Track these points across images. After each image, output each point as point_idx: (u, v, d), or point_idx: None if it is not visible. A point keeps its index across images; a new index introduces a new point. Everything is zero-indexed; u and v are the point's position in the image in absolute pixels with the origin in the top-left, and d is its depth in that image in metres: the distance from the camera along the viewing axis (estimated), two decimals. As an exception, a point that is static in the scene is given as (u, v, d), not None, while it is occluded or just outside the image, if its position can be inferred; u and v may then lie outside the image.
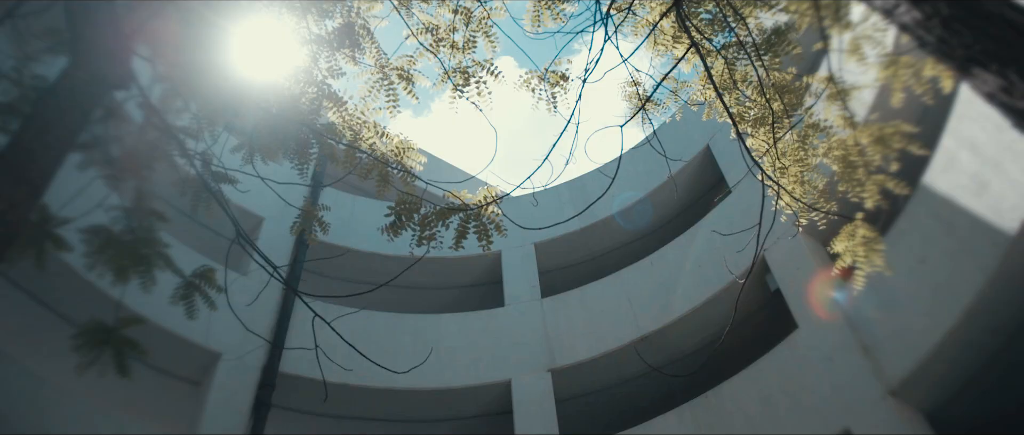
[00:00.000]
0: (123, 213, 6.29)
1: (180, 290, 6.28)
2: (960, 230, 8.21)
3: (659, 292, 11.89)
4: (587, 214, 13.60)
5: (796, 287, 10.28)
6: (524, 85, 5.99)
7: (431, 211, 5.34)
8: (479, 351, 11.91)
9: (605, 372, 11.91)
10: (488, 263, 13.96)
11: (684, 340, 11.63)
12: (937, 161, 8.65)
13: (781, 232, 10.75)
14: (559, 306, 12.61)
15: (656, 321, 11.45)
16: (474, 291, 14.29)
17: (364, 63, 5.82)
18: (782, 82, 6.91)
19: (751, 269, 5.72)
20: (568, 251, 14.31)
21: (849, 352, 9.20)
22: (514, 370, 11.62)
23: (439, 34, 5.71)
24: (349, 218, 13.44)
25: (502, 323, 12.45)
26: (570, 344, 11.91)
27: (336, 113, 5.69)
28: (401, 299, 13.63)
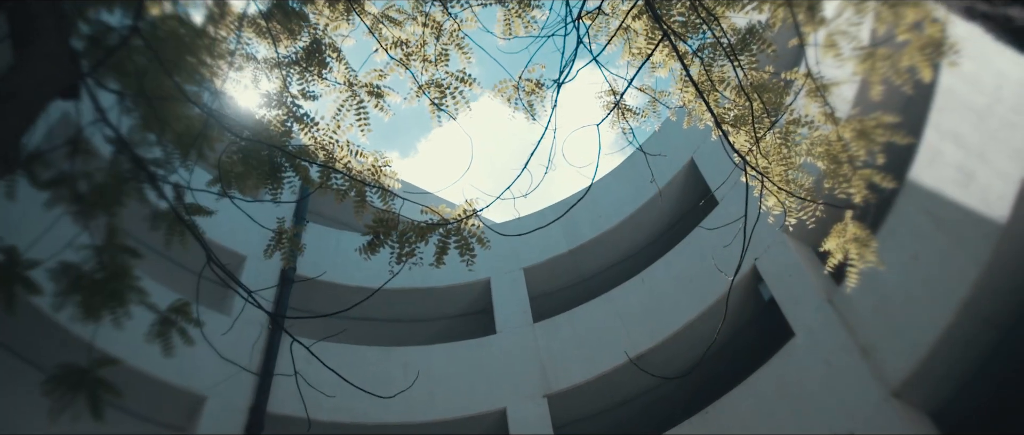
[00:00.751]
0: (94, 251, 6.10)
1: (155, 326, 6.05)
2: (950, 224, 8.11)
3: (651, 310, 11.72)
4: (575, 236, 13.50)
5: (790, 294, 10.13)
6: (499, 94, 5.87)
7: (409, 227, 5.16)
8: (472, 380, 11.66)
9: (602, 395, 11.67)
10: (478, 291, 13.76)
11: (680, 357, 11.42)
12: (921, 156, 8.57)
13: (771, 241, 10.67)
14: (551, 330, 12.40)
15: (650, 339, 11.26)
16: (465, 320, 14.06)
17: (333, 81, 5.69)
18: (759, 81, 6.84)
19: (740, 264, 5.57)
20: (558, 275, 14.13)
21: (848, 355, 9.03)
22: (509, 397, 11.37)
23: (409, 49, 5.59)
24: (334, 253, 13.23)
25: (494, 350, 12.22)
26: (564, 368, 11.69)
27: (307, 134, 5.55)
28: (391, 333, 13.41)
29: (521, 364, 11.88)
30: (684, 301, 11.28)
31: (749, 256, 10.82)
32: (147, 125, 6.33)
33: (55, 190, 6.17)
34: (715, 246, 11.40)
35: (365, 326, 13.26)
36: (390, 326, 13.68)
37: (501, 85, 5.94)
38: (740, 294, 10.98)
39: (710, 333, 11.30)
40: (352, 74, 5.66)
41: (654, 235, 13.92)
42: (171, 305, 6.16)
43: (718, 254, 11.20)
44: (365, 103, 5.70)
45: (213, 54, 6.19)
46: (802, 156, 7.04)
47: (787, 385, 9.52)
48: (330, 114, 5.62)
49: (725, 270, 10.69)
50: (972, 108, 7.88)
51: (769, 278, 10.51)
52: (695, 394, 11.23)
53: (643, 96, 7.73)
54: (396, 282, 12.78)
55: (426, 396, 11.26)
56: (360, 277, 13.08)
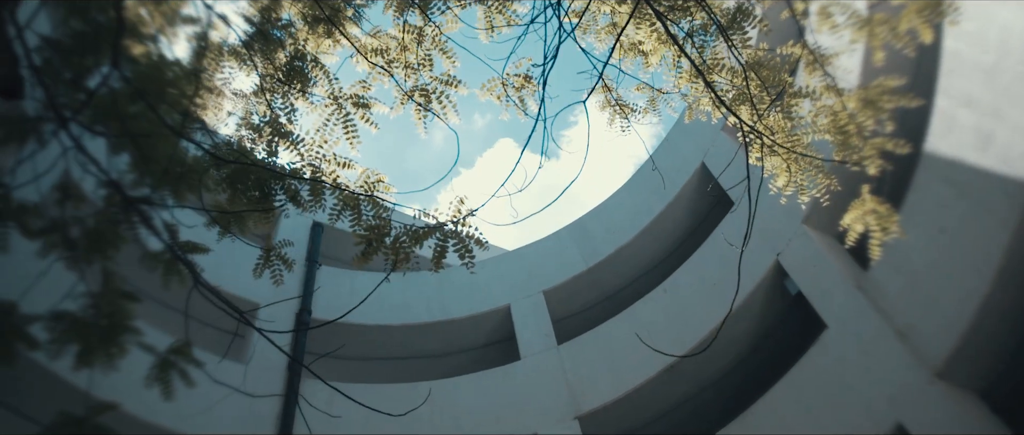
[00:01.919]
0: (91, 298, 5.96)
1: (154, 369, 5.86)
2: (973, 190, 7.79)
3: (677, 319, 11.37)
4: (592, 253, 13.26)
5: (817, 285, 9.77)
6: (488, 93, 5.73)
7: (403, 232, 4.97)
8: (500, 408, 11.34)
9: (635, 411, 11.29)
10: (498, 319, 13.50)
11: (711, 363, 11.05)
12: (935, 124, 8.29)
13: (792, 234, 10.36)
14: (577, 351, 12.08)
15: (679, 349, 10.89)
16: (488, 351, 13.77)
17: (317, 98, 5.57)
18: (754, 58, 6.65)
19: (748, 233, 5.31)
20: (579, 294, 13.83)
21: (885, 341, 8.64)
22: (539, 423, 11.02)
23: (390, 55, 5.46)
24: (349, 294, 13.04)
25: (520, 377, 11.91)
26: (594, 388, 11.34)
27: (293, 151, 5.41)
28: (415, 369, 13.16)
29: (549, 388, 11.56)
30: (710, 306, 10.94)
31: (770, 252, 10.52)
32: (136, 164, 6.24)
33: (47, 238, 6.06)
34: (734, 247, 11.11)
35: (388, 365, 13.03)
36: (413, 363, 13.42)
37: (490, 84, 5.80)
38: (765, 292, 10.63)
39: (740, 336, 10.95)
40: (336, 87, 5.54)
41: (673, 244, 13.62)
42: (170, 346, 5.98)
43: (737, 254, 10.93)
44: (352, 116, 5.56)
45: (196, 86, 6.11)
46: (809, 133, 6.82)
47: (826, 379, 9.12)
48: (315, 129, 5.49)
49: (746, 268, 10.40)
50: (981, 68, 7.61)
51: (794, 272, 10.17)
52: (731, 400, 10.83)
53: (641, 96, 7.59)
54: (415, 317, 12.71)
55: (453, 427, 10.95)
56: (378, 316, 12.89)
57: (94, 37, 5.62)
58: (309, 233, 13.85)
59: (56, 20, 5.82)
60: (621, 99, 7.17)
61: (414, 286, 13.85)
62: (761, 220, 10.95)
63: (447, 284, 13.99)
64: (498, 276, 14.15)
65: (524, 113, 5.74)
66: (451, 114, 5.51)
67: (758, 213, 10.90)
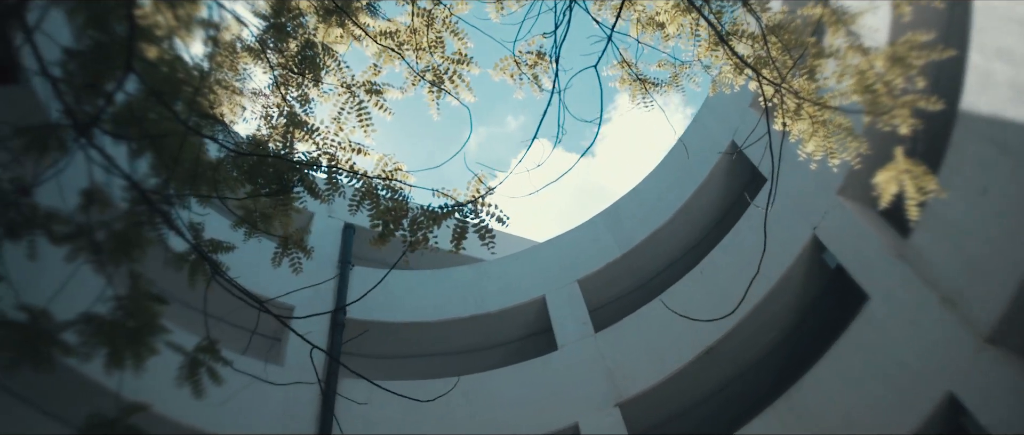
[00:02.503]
0: (119, 301, 6.00)
1: (183, 369, 5.88)
2: (1015, 147, 7.49)
3: (715, 300, 11.14)
4: (626, 239, 13.10)
5: (857, 257, 9.50)
6: (502, 72, 5.64)
7: (419, 213, 4.90)
8: (539, 399, 11.24)
9: (677, 396, 11.11)
10: (534, 310, 13.40)
11: (752, 343, 10.82)
12: (970, 81, 7.99)
13: (828, 206, 10.09)
14: (615, 338, 11.93)
15: (718, 329, 10.68)
16: (525, 343, 13.67)
17: (330, 87, 5.54)
18: (775, 21, 6.46)
19: (772, 190, 5.14)
20: (614, 281, 13.66)
21: (931, 310, 8.36)
22: (580, 412, 10.90)
23: (400, 38, 5.41)
24: (383, 293, 13.04)
25: (558, 367, 11.80)
26: (633, 374, 11.18)
27: (308, 141, 5.38)
28: (453, 365, 13.11)
29: (587, 376, 11.43)
30: (747, 284, 10.69)
31: (807, 226, 10.26)
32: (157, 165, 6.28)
33: (74, 243, 6.12)
34: (770, 224, 10.87)
35: (424, 362, 13.01)
36: (450, 359, 13.38)
37: (503, 63, 5.72)
38: (804, 268, 10.36)
39: (780, 313, 10.71)
40: (349, 75, 5.50)
41: (707, 225, 13.38)
42: (198, 345, 5.99)
43: (776, 234, 10.69)
44: (365, 104, 5.52)
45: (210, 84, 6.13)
46: (835, 96, 6.61)
47: (871, 352, 8.86)
48: (330, 118, 5.45)
49: (782, 243, 10.17)
50: (1014, 19, 7.31)
51: (832, 245, 9.90)
52: (774, 379, 10.59)
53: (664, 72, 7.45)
54: (451, 312, 12.67)
55: (493, 421, 10.88)
56: (414, 313, 12.90)
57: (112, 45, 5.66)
58: (341, 235, 13.90)
59: (75, 29, 5.88)
60: (641, 73, 7.03)
61: (449, 282, 13.83)
62: (796, 194, 10.73)
63: (482, 278, 13.94)
64: (532, 268, 14.06)
65: (539, 90, 5.64)
66: (465, 93, 5.43)
67: (792, 188, 10.70)
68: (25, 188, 6.21)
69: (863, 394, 8.67)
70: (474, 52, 5.70)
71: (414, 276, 13.83)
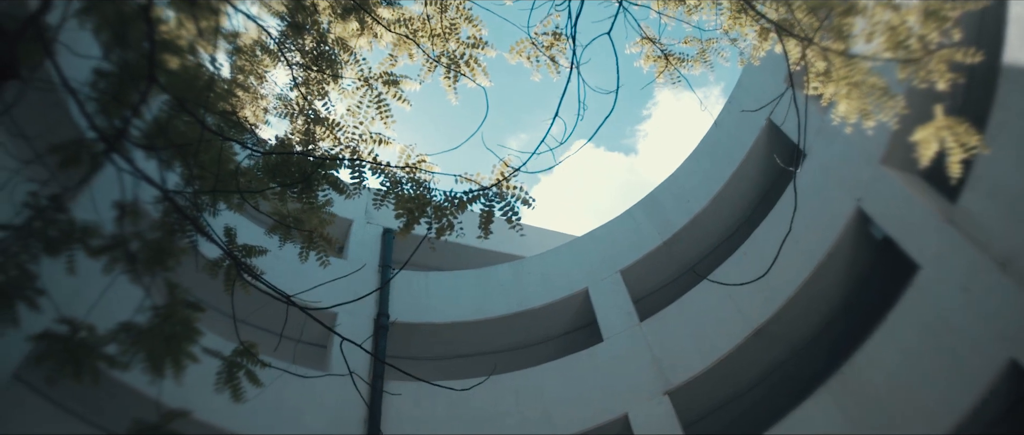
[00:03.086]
0: (155, 310, 6.06)
1: (222, 374, 5.92)
2: (1064, 96, 7.17)
3: (764, 279, 10.87)
4: (667, 226, 12.92)
5: (904, 225, 9.18)
6: (518, 55, 5.57)
7: (443, 200, 4.85)
8: (587, 392, 11.12)
9: (727, 381, 10.89)
10: (578, 304, 13.29)
11: (801, 322, 10.55)
12: (1012, 34, 7.68)
13: (870, 176, 9.79)
14: (660, 326, 11.75)
15: (765, 310, 10.45)
16: (571, 337, 13.56)
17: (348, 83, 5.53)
18: (799, -19, 6.27)
19: (801, 139, 4.96)
20: (657, 269, 13.47)
21: (985, 275, 8.04)
22: (628, 402, 10.76)
23: (414, 25, 5.38)
24: (425, 295, 13.09)
25: (604, 358, 11.66)
26: (681, 361, 10.99)
27: (329, 137, 5.37)
28: (499, 363, 13.05)
29: (635, 366, 11.27)
30: (793, 262, 10.44)
31: (850, 199, 9.97)
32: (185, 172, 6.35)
33: (110, 255, 6.21)
34: (812, 199, 10.61)
35: (469, 362, 12.99)
36: (495, 358, 13.33)
37: (519, 46, 5.65)
38: (850, 242, 10.06)
39: (829, 290, 10.42)
40: (366, 68, 5.49)
41: (749, 206, 13.12)
42: (235, 348, 6.03)
43: (819, 208, 10.42)
44: (384, 95, 5.50)
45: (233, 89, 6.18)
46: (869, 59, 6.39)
47: (926, 322, 8.54)
48: (350, 113, 5.44)
49: (825, 218, 9.90)
50: (1055, -38, 7.00)
51: (877, 216, 9.59)
52: (827, 357, 10.30)
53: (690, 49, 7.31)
54: (493, 310, 12.63)
55: (542, 417, 10.80)
56: (456, 313, 12.89)
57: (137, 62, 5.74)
58: (380, 240, 13.97)
59: (103, 48, 5.99)
60: (665, 48, 6.91)
61: (490, 281, 13.79)
62: (837, 167, 10.45)
63: (523, 275, 13.87)
64: (573, 261, 13.95)
65: (556, 72, 5.55)
66: (481, 77, 5.38)
67: (833, 161, 10.41)
68: (62, 204, 6.33)
69: (920, 367, 8.37)
70: (491, 38, 5.64)
71: (455, 277, 13.82)
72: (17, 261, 5.98)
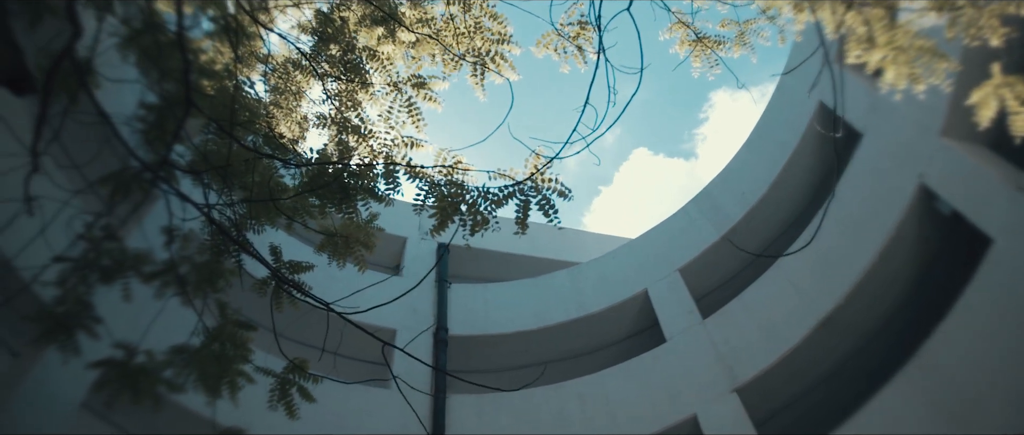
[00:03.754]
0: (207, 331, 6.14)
1: (275, 392, 5.96)
2: None
3: (824, 268, 10.52)
4: (723, 221, 12.64)
5: (972, 198, 8.73)
6: (545, 48, 5.50)
7: (478, 196, 4.79)
8: (653, 394, 10.89)
9: (797, 375, 10.50)
10: (638, 306, 13.07)
11: (869, 308, 10.12)
12: (1071, -16, 7.24)
13: (932, 150, 9.38)
14: (724, 322, 11.45)
15: (830, 296, 10.06)
16: (634, 341, 13.33)
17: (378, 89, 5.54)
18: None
19: (838, 103, 4.75)
20: (717, 265, 13.14)
21: (1065, 242, 7.59)
22: (696, 402, 10.49)
23: (436, 25, 5.36)
24: (483, 307, 13.06)
25: (668, 359, 11.41)
26: (748, 357, 10.67)
27: (363, 145, 5.38)
28: (561, 371, 12.90)
29: (700, 365, 11.00)
30: (856, 245, 10.05)
31: (912, 176, 9.55)
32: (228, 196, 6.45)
33: (161, 279, 6.34)
34: (872, 180, 10.22)
35: (532, 372, 12.86)
36: (559, 365, 13.19)
37: (545, 38, 5.57)
38: (915, 220, 9.61)
39: (897, 273, 9.97)
40: (394, 72, 5.49)
41: (807, 193, 12.70)
42: (286, 366, 6.06)
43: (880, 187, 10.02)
44: (414, 98, 5.49)
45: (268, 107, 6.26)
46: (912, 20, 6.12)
47: (1003, 299, 8.08)
48: (382, 120, 5.44)
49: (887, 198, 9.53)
50: (1111, -97, 6.59)
51: (943, 190, 9.15)
52: (901, 343, 9.85)
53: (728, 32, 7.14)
54: (553, 317, 12.52)
55: (608, 422, 10.61)
56: (515, 323, 12.81)
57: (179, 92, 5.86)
58: (436, 255, 14.01)
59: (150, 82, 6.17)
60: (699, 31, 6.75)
61: (547, 289, 13.69)
62: (895, 145, 10.05)
63: (580, 280, 13.74)
64: (630, 264, 13.75)
65: (583, 62, 5.45)
66: (508, 71, 5.32)
67: (891, 139, 10.00)
68: (114, 233, 6.49)
69: (999, 344, 7.91)
70: (516, 35, 5.58)
71: (512, 287, 13.76)
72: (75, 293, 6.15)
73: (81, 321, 6.02)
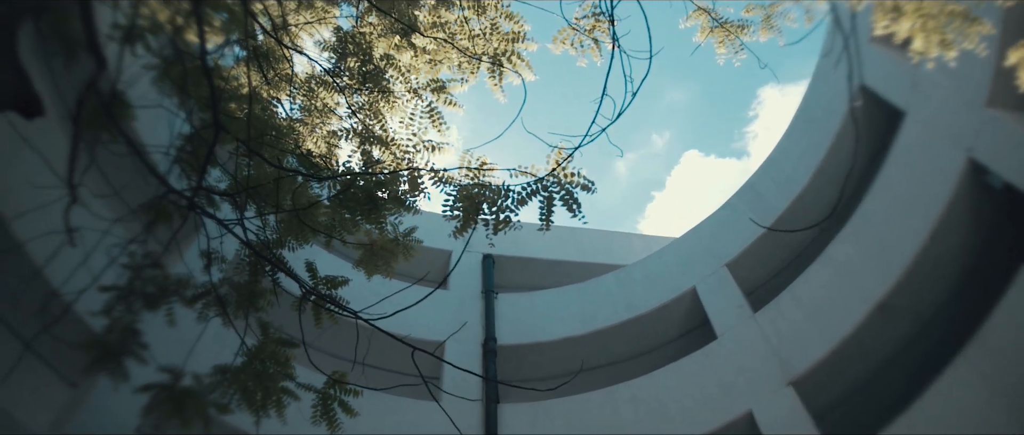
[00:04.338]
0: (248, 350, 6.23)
1: (317, 408, 6.00)
2: None
3: (879, 251, 10.20)
4: (768, 212, 12.42)
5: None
6: (562, 44, 5.47)
7: (499, 195, 4.77)
8: (707, 393, 10.68)
9: (854, 364, 10.19)
10: (687, 304, 12.87)
11: (928, 289, 9.78)
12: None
13: (979, 123, 9.07)
14: (775, 315, 11.19)
15: (884, 280, 9.75)
16: (686, 340, 13.13)
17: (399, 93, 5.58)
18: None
19: (851, 66, 4.64)
20: (765, 257, 12.88)
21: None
22: (751, 398, 10.25)
23: (451, 29, 5.38)
24: (530, 315, 13.01)
25: (720, 355, 11.20)
26: (802, 348, 10.40)
27: (386, 153, 5.42)
28: (613, 375, 12.76)
29: (753, 359, 10.76)
30: (908, 225, 9.74)
31: (960, 151, 9.22)
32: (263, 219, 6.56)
33: (203, 302, 6.47)
34: (918, 158, 9.92)
35: (584, 377, 12.74)
36: (610, 369, 13.06)
37: (561, 34, 5.55)
38: (966, 197, 9.27)
39: (952, 253, 9.63)
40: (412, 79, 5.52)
41: (853, 177, 12.37)
42: (326, 381, 6.11)
43: (928, 164, 9.72)
44: (434, 103, 5.52)
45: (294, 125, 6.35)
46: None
47: (1065, 270, 7.75)
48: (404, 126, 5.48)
49: (936, 176, 9.25)
50: None
51: (993, 163, 8.81)
52: (961, 323, 9.49)
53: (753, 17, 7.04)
54: (601, 321, 12.42)
55: (662, 423, 10.44)
56: (564, 329, 12.73)
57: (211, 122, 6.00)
58: (481, 267, 14.02)
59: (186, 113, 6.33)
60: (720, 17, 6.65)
61: (595, 293, 13.59)
62: (939, 120, 9.75)
63: (627, 282, 13.61)
64: (677, 261, 13.57)
65: (599, 54, 5.41)
66: (525, 71, 5.30)
67: (934, 115, 9.69)
68: (157, 260, 6.65)
69: (1065, 318, 7.58)
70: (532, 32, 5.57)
71: (559, 294, 13.70)
72: (123, 322, 6.31)
73: (128, 347, 6.18)
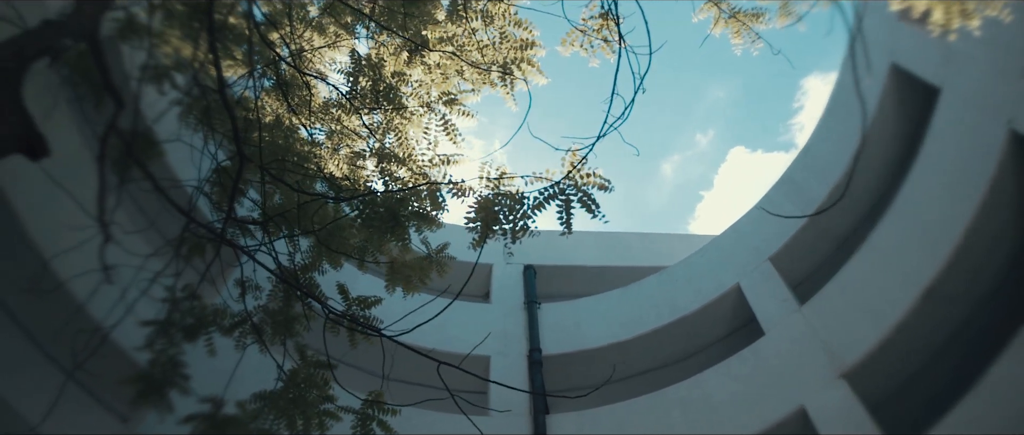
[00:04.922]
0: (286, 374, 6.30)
1: (355, 427, 6.05)
2: None
3: (923, 234, 9.91)
4: (808, 202, 12.20)
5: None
6: (571, 46, 5.46)
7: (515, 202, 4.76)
8: (757, 391, 10.48)
9: (908, 353, 9.88)
10: (731, 302, 12.67)
11: (978, 272, 9.46)
12: None
13: (1018, 94, 8.77)
14: (823, 306, 10.94)
15: (932, 261, 9.44)
16: (733, 339, 12.91)
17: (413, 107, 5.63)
18: None
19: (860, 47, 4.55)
20: (808, 249, 12.61)
21: None
22: (803, 393, 10.01)
23: (459, 42, 5.41)
24: (574, 323, 12.95)
25: (769, 352, 10.98)
26: (852, 339, 10.12)
27: (404, 169, 5.46)
28: (660, 379, 12.61)
29: (802, 353, 10.52)
30: (954, 204, 9.43)
31: (1002, 123, 8.92)
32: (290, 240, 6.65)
33: (240, 330, 6.59)
34: (957, 135, 9.63)
35: (632, 383, 12.62)
36: (658, 374, 12.91)
37: (569, 37, 5.54)
38: (1011, 170, 8.94)
39: (1001, 228, 9.30)
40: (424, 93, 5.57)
41: (893, 159, 12.05)
42: (364, 400, 6.16)
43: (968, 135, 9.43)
44: (448, 116, 5.55)
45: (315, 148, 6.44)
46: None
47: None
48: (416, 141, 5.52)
49: (979, 150, 8.99)
50: None
51: (1035, 137, 8.53)
52: (1012, 303, 9.16)
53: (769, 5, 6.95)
54: (646, 325, 12.28)
55: (713, 424, 10.27)
56: (608, 335, 12.65)
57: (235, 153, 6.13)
58: (522, 277, 14.00)
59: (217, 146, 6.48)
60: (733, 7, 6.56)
61: (637, 297, 13.48)
62: (976, 94, 9.47)
63: (670, 283, 13.48)
64: (719, 259, 13.39)
65: (611, 52, 5.37)
66: (536, 76, 5.30)
67: (970, 89, 9.42)
68: (194, 292, 6.79)
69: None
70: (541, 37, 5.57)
71: (601, 300, 13.61)
72: (165, 355, 6.46)
73: (172, 379, 6.32)
